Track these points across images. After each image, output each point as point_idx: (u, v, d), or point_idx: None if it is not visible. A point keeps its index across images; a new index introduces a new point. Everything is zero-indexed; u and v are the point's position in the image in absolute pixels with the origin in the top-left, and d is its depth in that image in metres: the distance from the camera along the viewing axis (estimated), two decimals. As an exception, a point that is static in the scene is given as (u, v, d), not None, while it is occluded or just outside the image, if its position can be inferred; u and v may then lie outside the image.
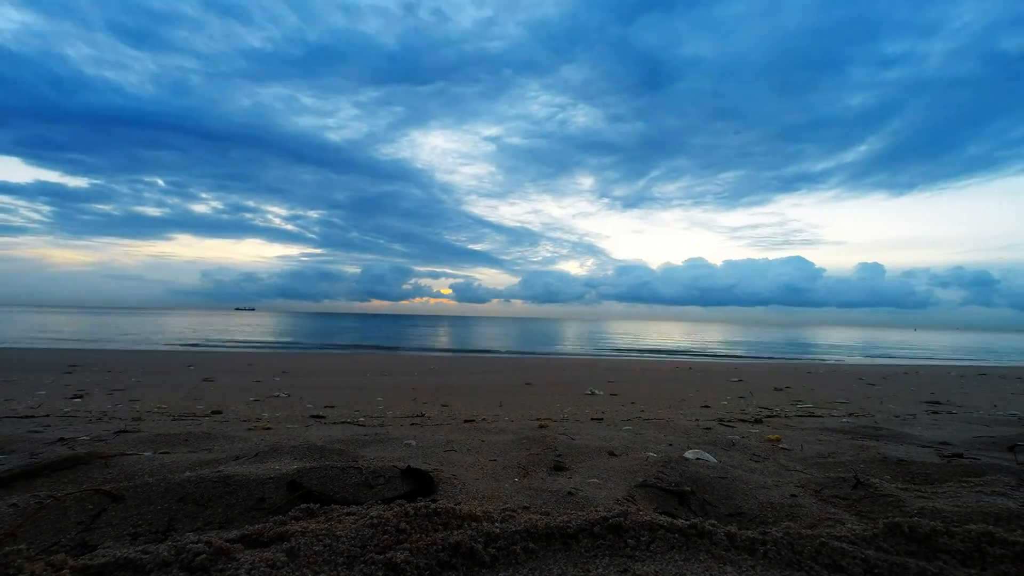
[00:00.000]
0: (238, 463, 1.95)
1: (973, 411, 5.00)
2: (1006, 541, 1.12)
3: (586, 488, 1.77)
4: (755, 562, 1.08)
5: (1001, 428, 3.34)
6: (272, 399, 5.80)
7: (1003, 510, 1.44)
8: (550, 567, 1.09)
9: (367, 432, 2.86)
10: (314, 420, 4.11)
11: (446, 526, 1.22)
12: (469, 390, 7.34)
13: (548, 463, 2.13)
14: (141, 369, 9.13)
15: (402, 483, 1.78)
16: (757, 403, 6.00)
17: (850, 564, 1.05)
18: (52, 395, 5.56)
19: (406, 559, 1.04)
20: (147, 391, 6.24)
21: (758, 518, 1.58)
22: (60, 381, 6.91)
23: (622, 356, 19.65)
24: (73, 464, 1.79)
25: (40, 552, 1.19)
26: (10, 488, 1.59)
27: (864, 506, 1.63)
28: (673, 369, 12.37)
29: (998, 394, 7.17)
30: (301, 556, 1.04)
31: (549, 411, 5.12)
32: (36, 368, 8.58)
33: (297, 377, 8.71)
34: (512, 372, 10.86)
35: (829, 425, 3.48)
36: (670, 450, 2.44)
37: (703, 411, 5.17)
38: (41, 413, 3.84)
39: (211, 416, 4.21)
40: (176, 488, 1.53)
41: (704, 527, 1.19)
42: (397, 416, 4.54)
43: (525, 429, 3.07)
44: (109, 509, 1.41)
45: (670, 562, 1.08)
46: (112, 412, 4.23)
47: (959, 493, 1.68)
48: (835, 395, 6.95)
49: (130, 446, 2.31)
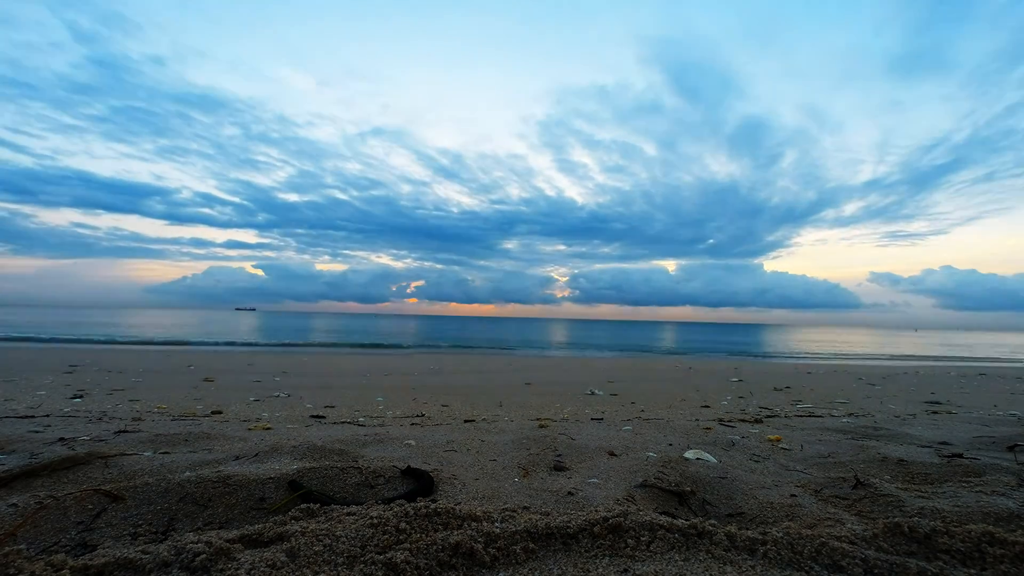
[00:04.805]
0: (238, 463, 1.95)
1: (973, 411, 5.00)
2: (1006, 541, 1.12)
3: (586, 488, 1.77)
4: (755, 562, 1.08)
5: (1001, 428, 3.33)
6: (272, 399, 5.80)
7: (1003, 510, 1.44)
8: (550, 567, 1.09)
9: (367, 432, 2.86)
10: (314, 420, 4.10)
11: (446, 526, 1.22)
12: (469, 390, 7.34)
13: (548, 463, 2.13)
14: (141, 369, 9.12)
15: (402, 483, 1.78)
16: (757, 403, 6.00)
17: (850, 564, 1.05)
18: (52, 395, 5.55)
19: (406, 559, 1.04)
20: (147, 391, 6.23)
21: (758, 518, 1.58)
22: (60, 381, 6.91)
23: (622, 356, 19.65)
24: (73, 464, 1.79)
25: (40, 552, 1.19)
26: (10, 488, 1.59)
27: (864, 506, 1.63)
28: (673, 369, 12.37)
29: (998, 394, 7.17)
30: (301, 556, 1.04)
31: (549, 411, 5.11)
32: (36, 368, 8.58)
33: (297, 377, 8.70)
34: (512, 372, 10.86)
35: (829, 425, 3.48)
36: (670, 450, 2.44)
37: (703, 411, 5.16)
38: (41, 413, 3.83)
39: (211, 416, 4.20)
40: (176, 488, 1.53)
41: (704, 527, 1.19)
42: (397, 416, 4.54)
43: (525, 429, 3.07)
44: (109, 509, 1.41)
45: (670, 562, 1.08)
46: (112, 412, 4.22)
47: (959, 493, 1.68)
48: (835, 395, 6.95)
49: (130, 446, 2.31)
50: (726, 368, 12.95)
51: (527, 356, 18.43)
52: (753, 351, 24.10)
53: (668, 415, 4.60)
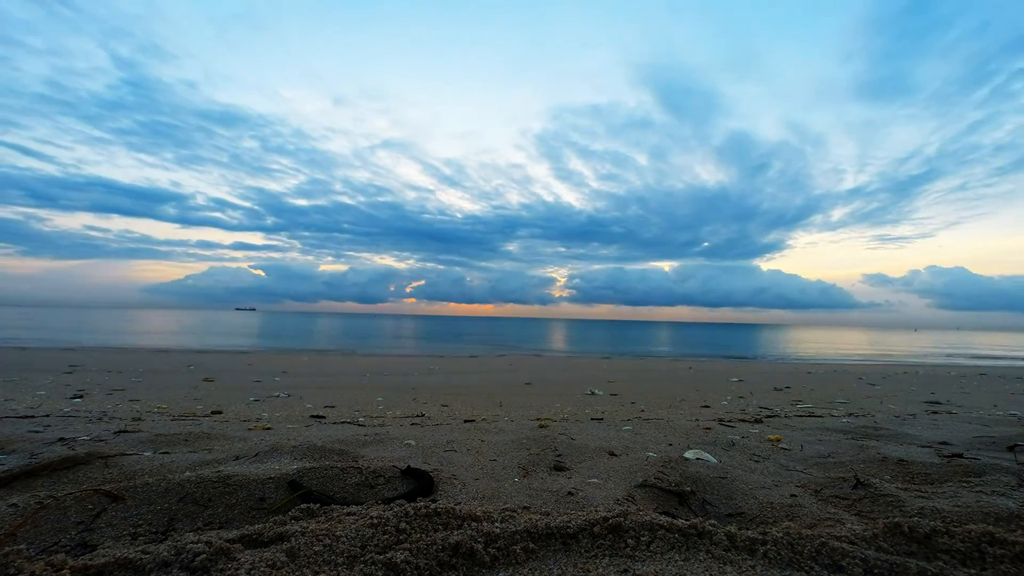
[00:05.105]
0: (238, 463, 1.95)
1: (973, 411, 5.00)
2: (1006, 541, 1.12)
3: (586, 488, 1.77)
4: (755, 562, 1.08)
5: (1001, 428, 3.33)
6: (272, 399, 5.80)
7: (1003, 510, 1.44)
8: (550, 567, 1.09)
9: (367, 432, 2.86)
10: (314, 420, 4.10)
11: (446, 526, 1.22)
12: (469, 390, 7.34)
13: (548, 463, 2.13)
14: (141, 369, 9.12)
15: (402, 483, 1.78)
16: (757, 403, 6.00)
17: (850, 564, 1.05)
18: (52, 395, 5.55)
19: (406, 559, 1.04)
20: (147, 391, 6.24)
21: (758, 518, 1.58)
22: (60, 381, 6.91)
23: (622, 356, 19.65)
24: (73, 464, 1.79)
25: (40, 552, 1.19)
26: (10, 488, 1.59)
27: (864, 506, 1.63)
28: (673, 369, 12.37)
29: (998, 394, 7.17)
30: (301, 556, 1.04)
31: (549, 411, 5.11)
32: (36, 368, 8.58)
33: (297, 377, 8.71)
34: (512, 372, 10.86)
35: (829, 425, 3.48)
36: (670, 450, 2.44)
37: (703, 411, 5.16)
38: (41, 413, 3.83)
39: (211, 416, 4.20)
40: (176, 488, 1.53)
41: (704, 527, 1.19)
42: (397, 416, 4.54)
43: (525, 429, 3.07)
44: (109, 509, 1.41)
45: (670, 562, 1.08)
46: (112, 412, 4.22)
47: (959, 493, 1.68)
48: (835, 395, 6.94)
49: (130, 446, 2.31)
50: (726, 368, 12.95)
51: (527, 356, 18.43)
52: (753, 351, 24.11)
53: (668, 415, 4.60)
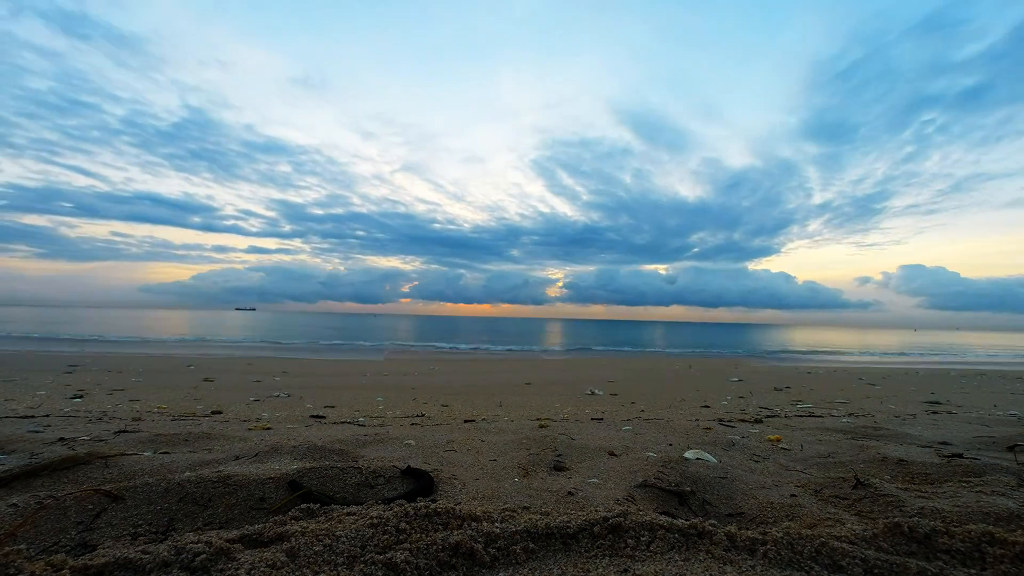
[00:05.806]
0: (238, 463, 1.95)
1: (973, 411, 5.00)
2: (1006, 541, 1.11)
3: (586, 488, 1.77)
4: (755, 562, 1.08)
5: (1001, 428, 3.33)
6: (272, 399, 5.80)
7: (1003, 510, 1.44)
8: (550, 567, 1.09)
9: (367, 432, 2.86)
10: (314, 420, 4.10)
11: (446, 526, 1.22)
12: (469, 390, 7.34)
13: (548, 463, 2.13)
14: (141, 369, 9.12)
15: (402, 483, 1.78)
16: (757, 403, 6.00)
17: (850, 564, 1.05)
18: (52, 395, 5.55)
19: (406, 559, 1.04)
20: (147, 391, 6.23)
21: (758, 518, 1.58)
22: (60, 381, 6.90)
23: (622, 356, 19.65)
24: (73, 464, 1.79)
25: (40, 552, 1.19)
26: (10, 488, 1.59)
27: (864, 506, 1.63)
28: (673, 369, 12.37)
29: (998, 394, 7.17)
30: (301, 556, 1.04)
31: (549, 411, 5.11)
32: (36, 368, 8.58)
33: (297, 377, 8.71)
34: (512, 372, 10.86)
35: (829, 425, 3.48)
36: (670, 450, 2.44)
37: (703, 411, 5.16)
38: (41, 413, 3.83)
39: (211, 416, 4.20)
40: (176, 488, 1.53)
41: (704, 527, 1.19)
42: (397, 416, 4.54)
43: (525, 429, 3.07)
44: (109, 509, 1.41)
45: (670, 562, 1.08)
46: (112, 412, 4.22)
47: (959, 493, 1.68)
48: (835, 395, 6.94)
49: (130, 446, 2.31)
50: (726, 368, 12.95)
51: (526, 356, 18.43)
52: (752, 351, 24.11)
53: (668, 415, 4.60)
